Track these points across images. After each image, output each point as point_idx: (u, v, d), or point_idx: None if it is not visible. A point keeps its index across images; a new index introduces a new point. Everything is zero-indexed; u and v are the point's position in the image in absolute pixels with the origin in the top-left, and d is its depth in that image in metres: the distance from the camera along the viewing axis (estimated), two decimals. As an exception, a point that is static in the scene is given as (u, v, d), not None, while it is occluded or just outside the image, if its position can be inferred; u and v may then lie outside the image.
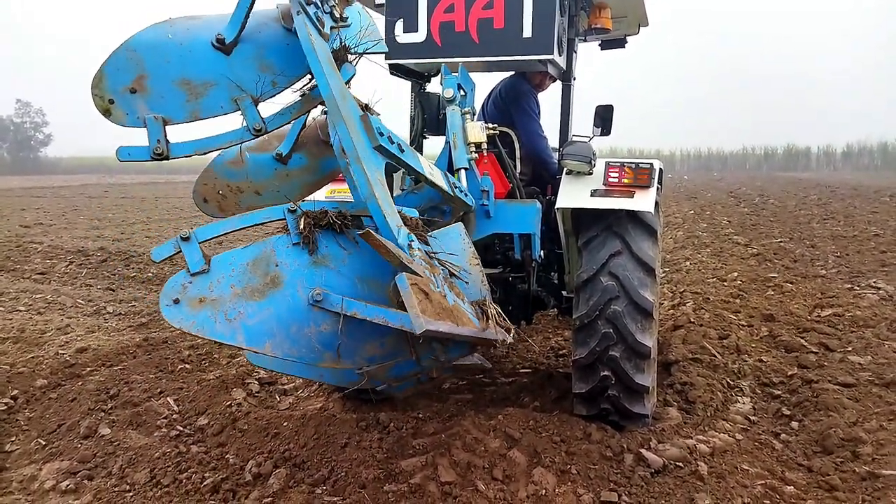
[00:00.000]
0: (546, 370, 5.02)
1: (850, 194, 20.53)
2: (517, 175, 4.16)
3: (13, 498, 3.25)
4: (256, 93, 2.44)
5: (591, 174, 3.75)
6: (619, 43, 5.09)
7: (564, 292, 4.32)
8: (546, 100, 4.56)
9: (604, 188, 3.66)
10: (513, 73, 4.54)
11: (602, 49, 5.16)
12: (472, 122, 3.74)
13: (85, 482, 3.33)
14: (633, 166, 3.65)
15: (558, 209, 3.76)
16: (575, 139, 4.07)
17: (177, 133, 2.34)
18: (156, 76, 2.28)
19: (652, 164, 3.67)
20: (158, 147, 2.25)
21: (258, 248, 2.31)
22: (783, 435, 3.88)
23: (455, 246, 2.86)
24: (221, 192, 3.18)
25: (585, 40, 4.78)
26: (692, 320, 5.88)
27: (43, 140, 68.11)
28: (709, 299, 6.89)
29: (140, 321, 6.64)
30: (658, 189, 3.76)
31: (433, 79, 4.68)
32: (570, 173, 3.80)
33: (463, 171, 3.58)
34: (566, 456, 3.33)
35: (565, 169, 3.80)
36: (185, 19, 2.41)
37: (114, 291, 8.18)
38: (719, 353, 5.07)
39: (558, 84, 4.26)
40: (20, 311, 6.81)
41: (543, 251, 3.98)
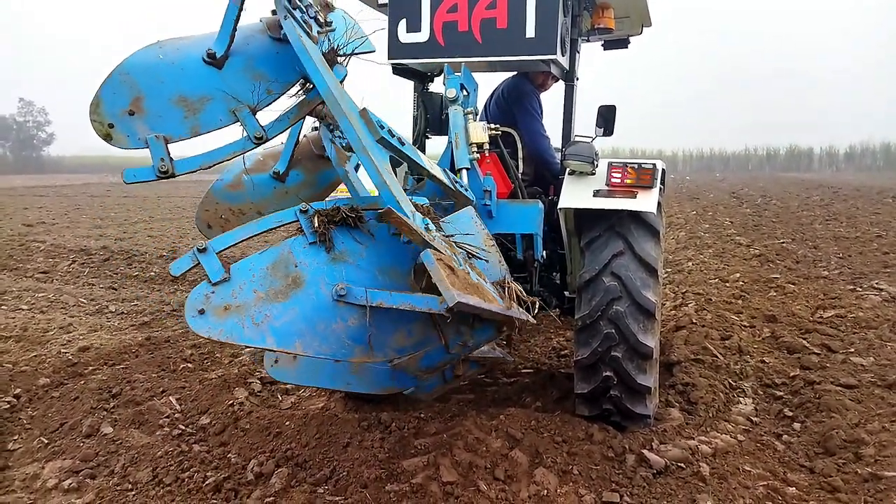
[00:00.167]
0: (548, 370, 5.01)
1: (853, 195, 20.50)
2: (519, 175, 4.16)
3: (15, 496, 3.26)
4: (253, 102, 2.48)
5: (594, 174, 3.76)
6: (622, 43, 5.09)
7: (567, 293, 4.32)
8: (548, 100, 4.57)
9: (606, 188, 3.66)
10: (515, 74, 4.54)
11: (605, 49, 5.16)
12: (475, 123, 3.74)
13: (87, 481, 3.34)
14: (636, 167, 3.65)
15: (561, 209, 3.76)
16: (577, 139, 4.07)
17: (179, 149, 2.38)
18: (152, 96, 2.31)
19: (654, 165, 3.67)
20: (163, 165, 2.28)
21: (275, 252, 2.33)
22: (785, 436, 3.88)
23: (469, 228, 2.87)
24: (224, 217, 3.25)
25: (588, 40, 4.78)
26: (694, 321, 5.87)
27: (45, 139, 68.26)
28: (711, 300, 6.89)
29: (142, 320, 6.66)
30: (660, 189, 3.76)
31: (436, 79, 4.68)
32: (573, 173, 3.80)
33: (465, 171, 3.58)
34: (568, 456, 3.33)
35: (568, 169, 3.80)
36: (173, 40, 2.47)
37: (116, 290, 8.20)
38: (721, 354, 5.06)
39: (561, 84, 4.26)
40: (23, 310, 6.83)
41: (546, 251, 3.98)
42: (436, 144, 4.73)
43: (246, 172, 3.35)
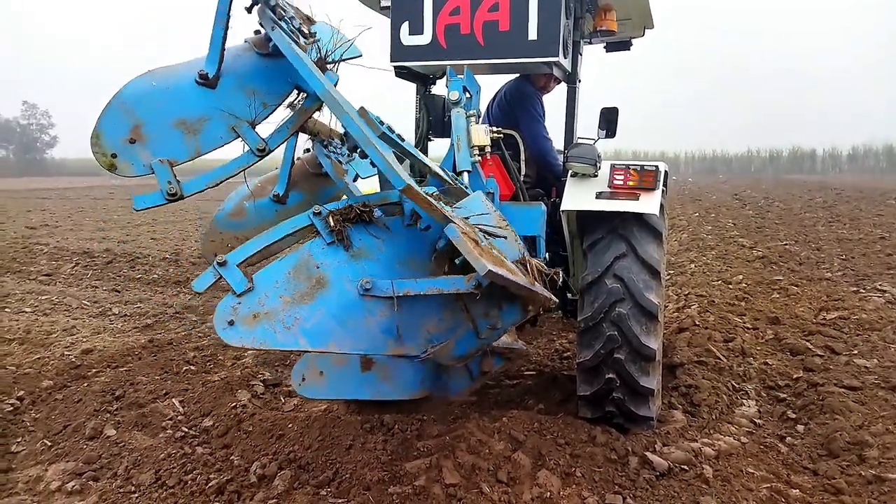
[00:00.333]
0: (550, 372, 5.01)
1: (856, 197, 20.46)
2: (522, 177, 4.16)
3: (19, 498, 3.27)
4: (251, 116, 2.51)
5: (597, 176, 3.76)
6: (624, 45, 5.10)
7: (569, 295, 4.32)
8: (550, 102, 4.57)
9: (609, 190, 3.66)
10: (518, 76, 4.55)
11: (607, 51, 5.16)
12: (477, 125, 3.74)
13: (90, 483, 3.34)
14: (639, 168, 3.65)
15: (563, 211, 3.76)
16: (580, 141, 4.07)
17: (184, 171, 2.39)
18: (151, 122, 2.34)
19: (657, 167, 3.68)
20: (171, 188, 2.30)
21: (295, 257, 2.36)
22: (788, 438, 3.87)
23: (481, 210, 2.88)
24: (230, 245, 3.28)
25: (591, 42, 4.79)
26: (697, 323, 5.86)
27: (49, 142, 68.49)
28: (714, 302, 6.88)
29: (145, 322, 6.67)
30: (663, 191, 3.76)
31: (438, 81, 4.69)
32: (575, 175, 3.80)
33: (466, 174, 3.58)
34: (571, 458, 3.33)
35: (570, 171, 3.80)
36: (163, 68, 2.50)
37: (119, 293, 8.21)
38: (724, 356, 5.05)
39: (563, 86, 4.26)
40: (26, 313, 6.84)
41: (548, 253, 3.98)
42: (438, 147, 4.74)
43: (247, 200, 3.42)
